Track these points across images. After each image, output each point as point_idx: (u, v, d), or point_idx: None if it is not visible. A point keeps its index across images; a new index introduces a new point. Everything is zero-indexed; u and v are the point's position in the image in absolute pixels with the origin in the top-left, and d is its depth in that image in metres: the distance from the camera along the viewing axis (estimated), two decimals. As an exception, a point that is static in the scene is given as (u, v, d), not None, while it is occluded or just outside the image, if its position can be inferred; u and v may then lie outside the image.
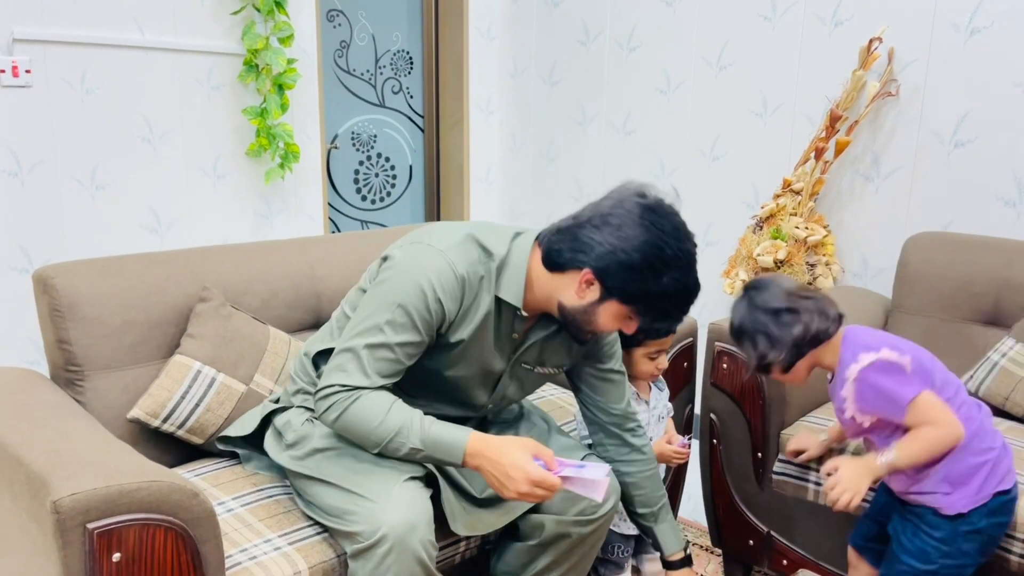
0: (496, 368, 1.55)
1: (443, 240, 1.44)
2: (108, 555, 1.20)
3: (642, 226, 1.35)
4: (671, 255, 1.35)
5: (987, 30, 2.34)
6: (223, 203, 2.93)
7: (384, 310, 1.41)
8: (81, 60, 2.53)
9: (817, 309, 1.57)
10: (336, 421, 1.42)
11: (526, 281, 1.46)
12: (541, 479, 1.34)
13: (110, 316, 1.71)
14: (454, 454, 1.39)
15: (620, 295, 1.38)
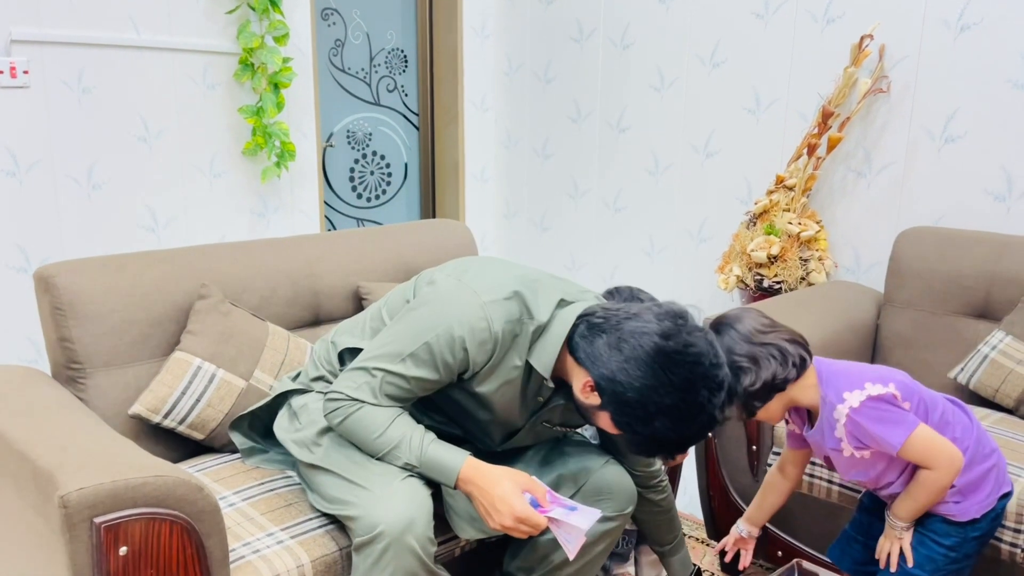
0: (516, 423, 1.55)
1: (490, 291, 1.42)
2: (115, 549, 1.21)
3: (650, 367, 1.29)
4: (669, 404, 1.30)
5: (976, 27, 2.36)
6: (219, 201, 2.95)
7: (410, 341, 1.41)
8: (78, 60, 2.54)
9: (777, 355, 1.51)
10: (339, 425, 1.46)
11: (557, 367, 1.44)
12: (526, 517, 1.34)
13: (111, 314, 1.73)
14: (448, 477, 1.41)
15: (613, 417, 1.36)
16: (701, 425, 1.33)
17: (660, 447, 1.36)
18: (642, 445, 1.37)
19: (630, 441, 1.39)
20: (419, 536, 1.36)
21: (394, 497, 1.38)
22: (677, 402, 1.30)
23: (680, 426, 1.32)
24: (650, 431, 1.33)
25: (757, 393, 1.51)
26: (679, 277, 3.19)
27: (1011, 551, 1.69)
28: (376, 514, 1.36)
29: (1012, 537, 1.69)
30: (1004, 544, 1.69)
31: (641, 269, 3.32)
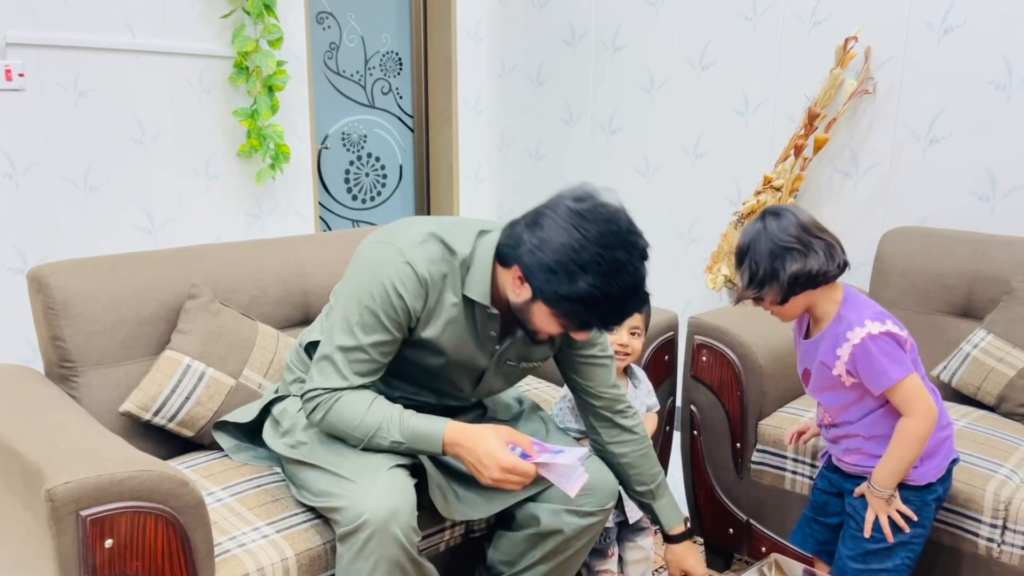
0: (480, 364, 1.59)
1: (405, 239, 1.47)
2: (101, 541, 1.24)
3: (565, 229, 1.34)
4: (588, 259, 1.32)
5: (960, 28, 2.39)
6: (215, 203, 2.98)
7: (353, 312, 1.46)
8: (74, 63, 2.58)
9: (825, 250, 1.58)
10: (322, 421, 1.50)
11: (493, 278, 1.49)
12: (513, 466, 1.39)
13: (102, 313, 1.76)
14: (433, 444, 1.45)
15: (542, 296, 1.38)
16: (627, 285, 1.34)
17: (593, 310, 1.35)
18: (577, 316, 1.38)
19: (566, 318, 1.39)
20: (403, 525, 1.38)
21: (378, 488, 1.41)
22: (596, 257, 1.32)
23: (605, 282, 1.32)
24: (578, 293, 1.33)
25: (797, 280, 1.56)
26: (670, 277, 3.22)
27: (988, 545, 1.72)
28: (360, 504, 1.39)
29: (989, 532, 1.71)
30: (981, 539, 1.72)
31: (633, 269, 3.34)
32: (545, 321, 1.43)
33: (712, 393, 2.13)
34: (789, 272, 1.56)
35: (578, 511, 1.63)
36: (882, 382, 1.56)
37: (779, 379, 2.10)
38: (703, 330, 2.13)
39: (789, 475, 2.01)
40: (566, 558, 1.67)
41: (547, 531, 1.63)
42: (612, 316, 1.39)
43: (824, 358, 1.64)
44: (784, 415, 2.08)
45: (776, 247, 1.58)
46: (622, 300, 1.36)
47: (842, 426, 1.69)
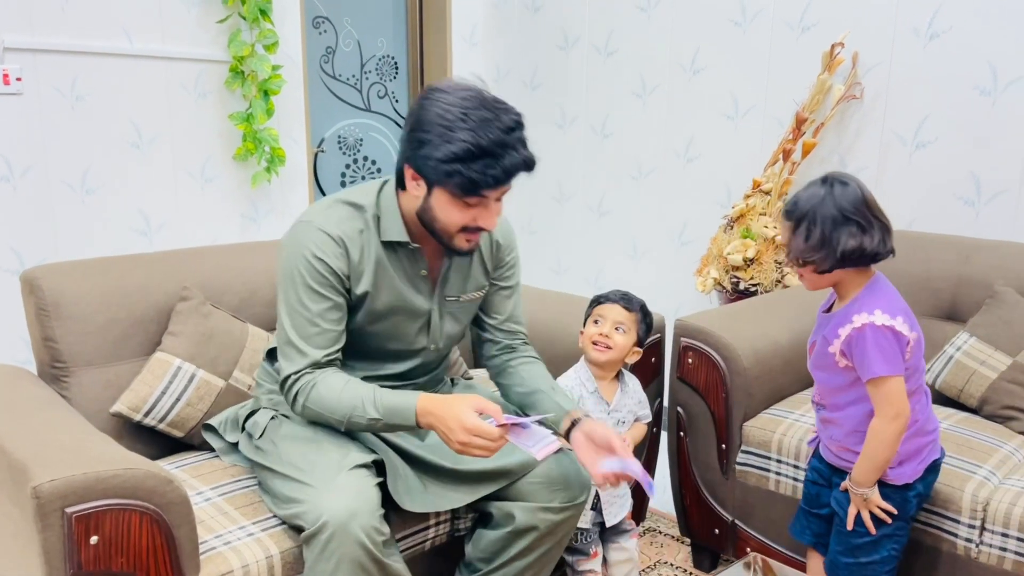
0: (422, 307, 1.66)
1: (312, 213, 1.58)
2: (86, 538, 1.27)
3: (432, 108, 1.44)
4: (454, 119, 1.41)
5: (945, 34, 2.41)
6: (211, 206, 3.01)
7: (290, 293, 1.55)
8: (71, 68, 2.61)
9: (880, 233, 1.57)
10: (304, 408, 1.54)
11: (404, 217, 1.58)
12: (477, 428, 1.42)
13: (93, 315, 1.79)
14: (407, 416, 1.50)
15: (432, 177, 1.46)
16: (497, 138, 1.41)
17: (471, 165, 1.42)
18: (462, 179, 1.43)
19: (456, 188, 1.45)
20: (364, 525, 1.41)
21: (338, 490, 1.44)
22: (461, 116, 1.41)
23: (475, 136, 1.40)
24: (454, 151, 1.41)
25: (851, 255, 1.56)
26: (661, 279, 3.24)
27: (966, 546, 1.73)
28: (320, 507, 1.42)
29: (967, 533, 1.73)
30: (960, 539, 1.74)
31: (625, 272, 3.37)
32: (447, 211, 1.50)
33: (698, 395, 2.15)
34: (846, 245, 1.55)
35: (551, 507, 1.66)
36: (866, 372, 1.57)
37: (764, 381, 2.12)
38: (689, 332, 2.15)
39: (773, 476, 2.04)
40: (541, 554, 1.70)
41: (522, 528, 1.66)
42: (491, 170, 1.43)
43: (827, 333, 1.65)
44: (769, 417, 2.10)
45: (839, 215, 1.55)
46: (496, 153, 1.42)
47: (830, 409, 1.71)
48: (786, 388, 2.21)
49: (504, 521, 1.67)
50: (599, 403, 1.91)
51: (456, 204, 1.48)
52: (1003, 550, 1.69)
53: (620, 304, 1.91)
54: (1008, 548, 1.68)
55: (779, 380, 2.18)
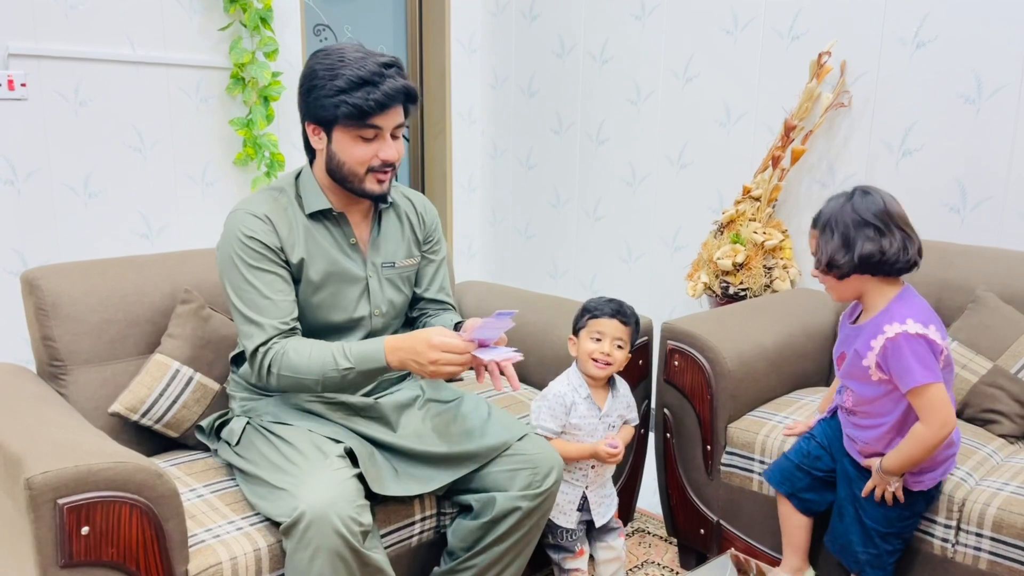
0: (358, 274, 1.77)
1: (237, 204, 1.70)
2: (77, 529, 1.32)
3: (312, 64, 1.62)
4: (333, 63, 1.58)
5: (932, 44, 2.45)
6: (211, 210, 3.07)
7: (234, 275, 1.64)
8: (74, 74, 2.67)
9: (901, 242, 1.63)
10: (278, 377, 1.61)
11: (322, 187, 1.72)
12: (444, 344, 1.53)
13: (91, 314, 1.84)
14: (378, 358, 1.59)
15: (328, 116, 1.60)
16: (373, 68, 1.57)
17: (354, 94, 1.56)
18: (350, 110, 1.56)
19: (349, 120, 1.58)
20: (342, 515, 1.45)
21: (316, 481, 1.50)
22: (336, 61, 1.58)
23: (352, 71, 1.56)
24: (338, 86, 1.56)
25: (867, 260, 1.62)
26: (655, 284, 3.28)
27: (943, 545, 1.77)
28: (299, 497, 1.47)
29: (943, 532, 1.76)
30: (936, 539, 1.77)
31: (619, 276, 3.41)
32: (348, 149, 1.63)
33: (684, 396, 2.19)
34: (863, 249, 1.61)
35: (527, 493, 1.73)
36: (907, 381, 1.60)
37: (748, 383, 2.16)
38: (675, 335, 2.19)
39: (756, 477, 2.07)
40: (518, 539, 1.76)
41: (503, 513, 1.72)
42: (373, 95, 1.56)
43: (859, 347, 1.68)
44: (753, 418, 2.13)
45: (857, 219, 1.63)
46: (375, 81, 1.57)
47: (861, 416, 1.75)
48: (770, 390, 2.25)
49: (483, 511, 1.74)
50: (591, 408, 1.97)
51: (356, 141, 1.62)
52: (978, 550, 1.72)
53: (618, 320, 1.93)
54: (983, 548, 1.71)
55: (763, 382, 2.21)
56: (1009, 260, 2.21)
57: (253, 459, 1.66)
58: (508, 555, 1.77)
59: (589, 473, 2.00)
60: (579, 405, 1.95)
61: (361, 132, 1.60)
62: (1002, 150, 2.37)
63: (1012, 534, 1.67)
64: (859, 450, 1.78)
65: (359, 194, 1.69)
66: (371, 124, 1.59)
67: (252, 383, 1.80)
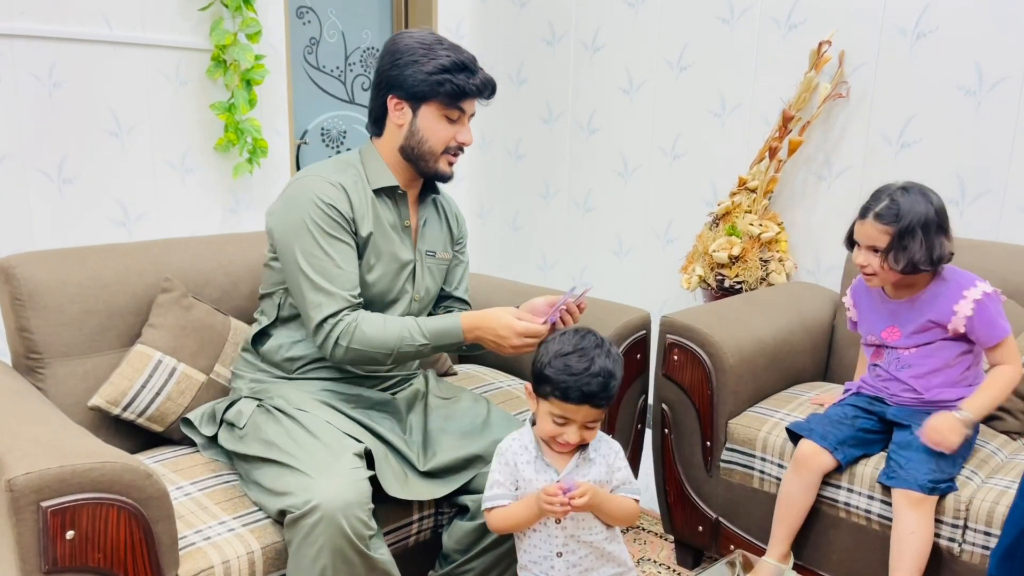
0: (407, 258, 1.77)
1: (306, 171, 1.68)
2: (62, 533, 1.24)
3: (402, 40, 1.66)
4: (431, 43, 1.65)
5: (932, 34, 2.42)
6: (191, 197, 2.97)
7: (305, 240, 1.60)
8: (49, 54, 2.56)
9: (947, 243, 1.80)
10: (347, 350, 1.58)
11: (388, 165, 1.72)
12: (528, 330, 1.58)
13: (69, 305, 1.75)
14: (455, 335, 1.62)
15: (423, 90, 1.63)
16: (468, 55, 1.66)
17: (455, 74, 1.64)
18: (449, 88, 1.63)
19: (445, 98, 1.64)
20: (351, 517, 1.40)
21: (333, 476, 1.43)
22: (434, 41, 1.65)
23: (455, 52, 1.64)
24: (441, 63, 1.62)
25: (938, 261, 1.77)
26: (646, 277, 3.24)
27: (949, 545, 1.74)
28: (313, 489, 1.41)
29: (950, 532, 1.73)
30: (943, 539, 1.74)
31: (610, 269, 3.36)
32: (434, 127, 1.67)
33: (683, 392, 2.14)
34: (940, 251, 1.76)
35: None
36: (996, 334, 1.77)
37: (749, 379, 2.12)
38: (675, 329, 2.14)
39: (757, 474, 2.03)
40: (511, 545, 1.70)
41: None
42: (472, 80, 1.65)
43: (933, 315, 1.81)
44: (753, 414, 2.09)
45: (936, 223, 1.77)
46: (472, 68, 1.66)
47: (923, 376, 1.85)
48: (770, 386, 2.21)
49: (480, 513, 1.68)
50: (544, 470, 1.45)
51: (441, 120, 1.66)
52: (986, 549, 1.69)
53: (589, 406, 1.38)
54: (991, 547, 1.69)
55: (763, 377, 2.18)
56: (1009, 254, 2.19)
57: (260, 443, 1.58)
58: (505, 560, 1.71)
59: (557, 563, 1.45)
60: (524, 467, 1.45)
61: (449, 112, 1.66)
62: (1002, 143, 2.35)
63: (1022, 533, 1.64)
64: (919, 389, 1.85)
65: (429, 173, 1.73)
66: (460, 107, 1.67)
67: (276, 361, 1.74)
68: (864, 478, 1.84)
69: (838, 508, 1.89)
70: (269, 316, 1.77)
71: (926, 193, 1.79)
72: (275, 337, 1.76)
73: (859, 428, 1.88)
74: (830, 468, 1.85)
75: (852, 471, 1.86)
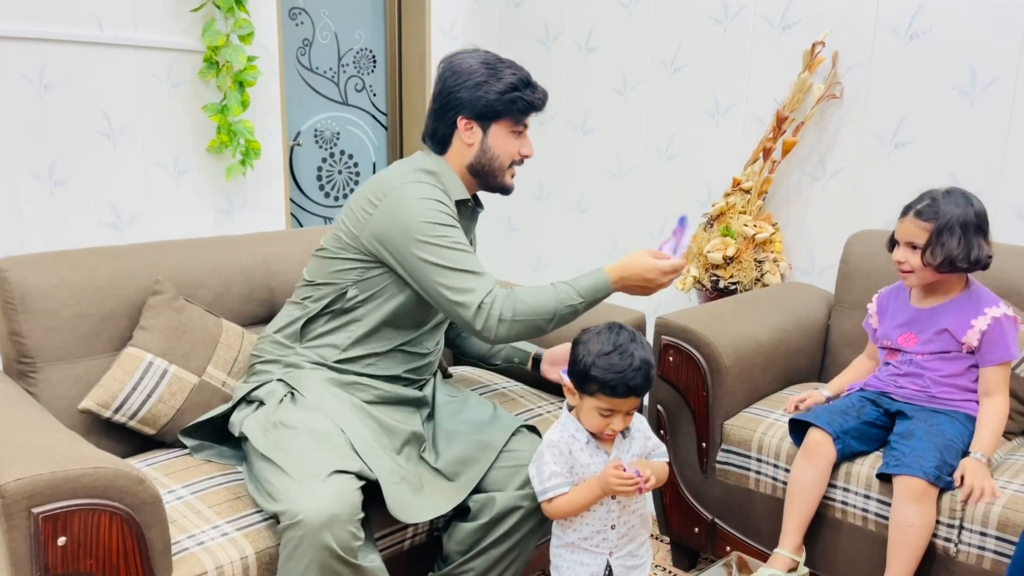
0: None
1: (399, 178, 1.69)
2: (53, 539, 1.23)
3: (465, 61, 1.71)
4: (496, 60, 1.72)
5: (925, 35, 2.42)
6: (184, 199, 2.95)
7: (434, 234, 1.62)
8: (39, 56, 2.54)
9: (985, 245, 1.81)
10: (512, 323, 1.61)
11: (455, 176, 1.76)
12: (672, 266, 1.69)
13: (62, 308, 1.74)
14: (604, 289, 1.68)
15: (489, 113, 1.70)
16: (528, 75, 1.74)
17: (523, 92, 1.71)
18: (518, 105, 1.71)
19: (512, 113, 1.71)
20: (337, 532, 1.39)
21: (319, 491, 1.42)
22: (495, 59, 1.72)
23: (516, 70, 1.71)
24: (509, 82, 1.69)
25: (975, 264, 1.79)
26: (641, 278, 3.23)
27: (945, 545, 1.74)
28: (299, 503, 1.40)
29: (946, 532, 1.73)
30: (939, 539, 1.74)
31: (604, 270, 3.36)
32: (504, 143, 1.74)
33: (678, 393, 2.14)
34: (979, 254, 1.78)
35: (528, 491, 1.67)
36: (1001, 355, 1.80)
37: (744, 380, 2.12)
38: (670, 330, 2.14)
39: (754, 475, 2.03)
40: (518, 540, 1.71)
41: (503, 511, 1.67)
42: (537, 95, 1.74)
43: (950, 326, 1.84)
44: (749, 415, 2.09)
45: (976, 225, 1.79)
46: (533, 84, 1.74)
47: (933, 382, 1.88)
48: (766, 387, 2.21)
49: (481, 512, 1.69)
50: (596, 454, 1.58)
51: (510, 136, 1.74)
52: (982, 549, 1.69)
53: (634, 396, 1.52)
54: (987, 547, 1.69)
55: (759, 378, 2.17)
56: (1003, 255, 2.19)
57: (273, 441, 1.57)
58: (506, 558, 1.71)
59: (610, 535, 1.59)
60: (579, 453, 1.57)
61: (516, 128, 1.74)
62: (996, 144, 2.35)
63: (1018, 533, 1.64)
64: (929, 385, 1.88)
65: (495, 188, 1.80)
66: (525, 122, 1.76)
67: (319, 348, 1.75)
68: (861, 477, 1.84)
69: (835, 507, 1.88)
70: (318, 304, 1.75)
71: (968, 196, 1.83)
72: (323, 325, 1.76)
73: (864, 420, 1.89)
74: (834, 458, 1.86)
75: (848, 469, 1.85)
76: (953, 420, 1.83)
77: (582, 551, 1.60)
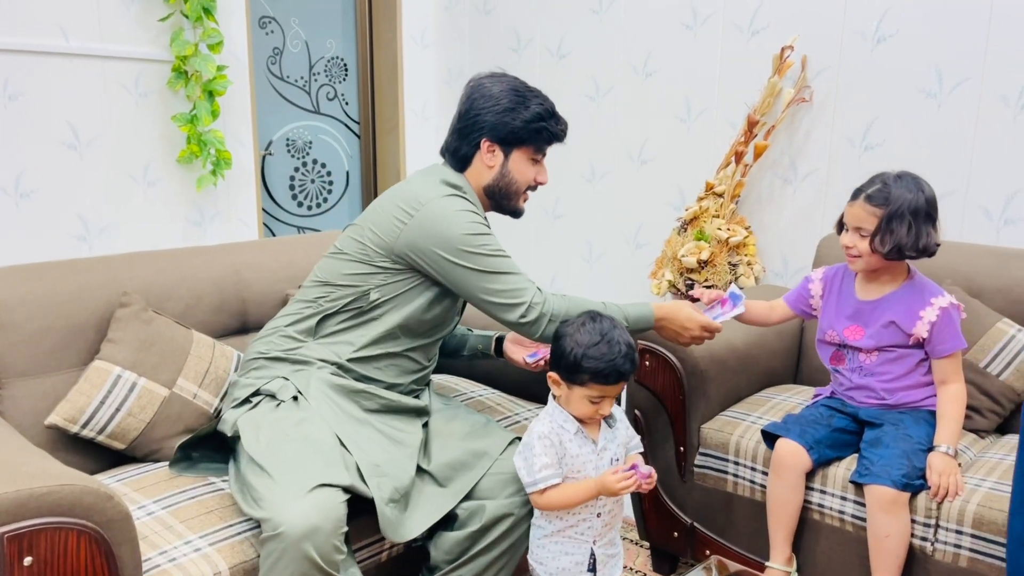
0: None
1: (431, 192, 1.69)
2: (19, 560, 1.20)
3: (492, 87, 1.73)
4: (524, 88, 1.75)
5: (892, 38, 2.45)
6: (154, 210, 2.91)
7: (476, 243, 1.64)
8: (3, 67, 2.50)
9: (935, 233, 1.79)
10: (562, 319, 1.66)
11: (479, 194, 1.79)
12: (708, 324, 1.77)
13: (27, 322, 1.70)
14: (647, 323, 1.76)
15: (513, 139, 1.72)
16: (553, 105, 1.76)
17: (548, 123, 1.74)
18: (542, 134, 1.74)
19: (539, 142, 1.75)
20: (319, 544, 1.37)
21: (303, 502, 1.39)
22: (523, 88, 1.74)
23: (543, 101, 1.74)
24: (535, 112, 1.72)
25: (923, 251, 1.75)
26: (616, 282, 3.24)
27: (921, 544, 1.75)
28: (282, 515, 1.38)
29: (922, 531, 1.74)
30: (915, 538, 1.75)
31: (580, 275, 3.36)
32: (523, 169, 1.77)
33: (655, 397, 2.14)
34: (927, 240, 1.75)
35: (517, 499, 1.68)
36: (953, 345, 1.79)
37: (720, 383, 2.12)
38: (647, 336, 2.13)
39: (731, 478, 2.03)
40: (507, 547, 1.70)
41: (494, 519, 1.66)
42: (560, 126, 1.77)
43: (897, 318, 1.82)
44: (726, 419, 2.09)
45: (926, 212, 1.75)
46: (557, 115, 1.77)
47: (880, 377, 1.87)
48: (742, 389, 2.21)
49: (470, 520, 1.67)
50: (584, 443, 1.63)
51: (529, 163, 1.77)
52: (958, 547, 1.70)
53: (623, 380, 1.60)
54: (963, 545, 1.70)
55: (734, 381, 2.18)
56: (973, 254, 2.22)
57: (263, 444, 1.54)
58: (494, 565, 1.69)
59: (595, 524, 1.66)
60: (568, 444, 1.61)
61: (536, 155, 1.78)
62: (963, 145, 2.38)
63: (993, 530, 1.65)
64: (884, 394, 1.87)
65: (508, 210, 1.83)
66: (545, 150, 1.79)
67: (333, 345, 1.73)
68: (837, 479, 1.84)
69: (812, 510, 1.89)
70: (335, 304, 1.73)
71: (919, 181, 1.79)
72: (340, 323, 1.74)
73: (835, 428, 1.89)
74: (809, 467, 1.86)
75: (824, 472, 1.86)
76: (918, 419, 1.83)
77: (566, 540, 1.65)
